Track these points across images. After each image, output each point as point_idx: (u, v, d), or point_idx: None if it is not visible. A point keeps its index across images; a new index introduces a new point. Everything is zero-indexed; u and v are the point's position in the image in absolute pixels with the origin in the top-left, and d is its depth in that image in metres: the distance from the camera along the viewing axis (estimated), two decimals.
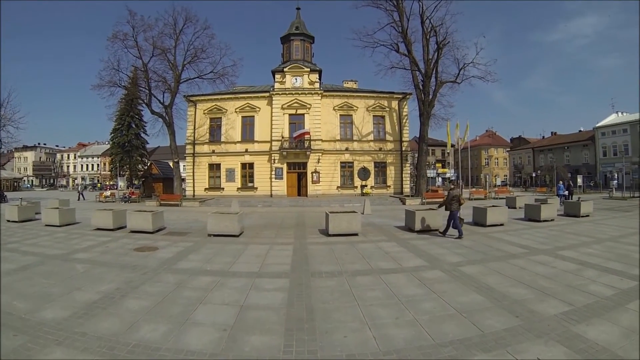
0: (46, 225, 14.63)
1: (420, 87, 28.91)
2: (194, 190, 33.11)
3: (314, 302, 5.57)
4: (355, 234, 11.81)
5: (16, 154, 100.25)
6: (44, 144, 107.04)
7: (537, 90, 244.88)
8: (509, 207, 16.28)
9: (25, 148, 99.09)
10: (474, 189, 40.87)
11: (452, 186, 12.32)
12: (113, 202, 32.40)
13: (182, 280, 6.81)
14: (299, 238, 11.77)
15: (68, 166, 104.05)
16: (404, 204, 26.16)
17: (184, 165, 34.69)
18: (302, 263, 8.19)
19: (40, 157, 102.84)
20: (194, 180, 33.35)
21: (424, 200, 26.44)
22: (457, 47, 28.26)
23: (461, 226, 11.32)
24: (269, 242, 10.97)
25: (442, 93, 29.47)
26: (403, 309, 5.25)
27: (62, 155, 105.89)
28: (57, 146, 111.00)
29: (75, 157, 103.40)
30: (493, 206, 14.76)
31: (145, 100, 30.13)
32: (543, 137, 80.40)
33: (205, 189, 33.15)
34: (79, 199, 32.02)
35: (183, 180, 36.24)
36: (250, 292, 6.08)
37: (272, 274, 7.26)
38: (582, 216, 16.47)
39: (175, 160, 29.71)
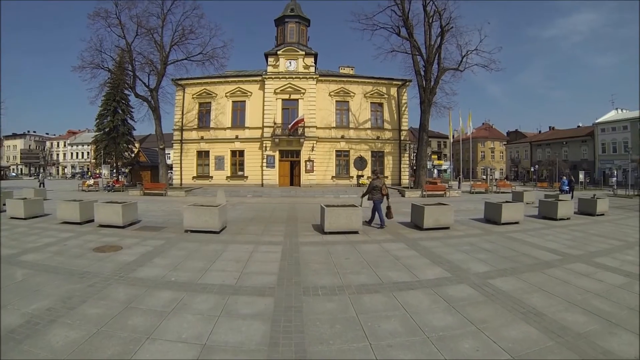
0: (11, 217, 12.96)
1: (422, 73, 27.29)
2: (181, 179, 31.33)
3: (307, 340, 3.92)
4: (356, 232, 10.21)
5: (5, 143, 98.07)
6: (34, 132, 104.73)
7: (532, 86, 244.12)
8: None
9: (15, 136, 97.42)
10: (472, 182, 39.44)
11: (374, 176, 12.32)
12: (96, 191, 30.73)
13: (135, 297, 5.19)
14: (290, 236, 10.12)
15: (58, 154, 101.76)
16: (403, 196, 24.66)
17: (172, 153, 32.92)
18: (292, 272, 6.55)
19: (29, 145, 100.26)
20: (181, 168, 31.53)
21: (424, 193, 24.92)
22: (460, 33, 26.74)
23: (385, 217, 11.56)
24: (254, 241, 9.31)
25: (444, 80, 27.92)
26: (435, 352, 3.65)
27: (52, 143, 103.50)
28: (47, 134, 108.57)
29: (65, 145, 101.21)
30: (507, 202, 13.37)
31: (129, 83, 28.14)
32: (539, 131, 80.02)
33: (193, 177, 31.40)
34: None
35: (170, 168, 34.55)
36: (220, 320, 4.45)
37: (252, 290, 5.59)
38: (598, 215, 15.10)
39: (161, 146, 27.78)
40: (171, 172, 33.84)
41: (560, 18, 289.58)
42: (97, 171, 58.06)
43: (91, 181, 34.31)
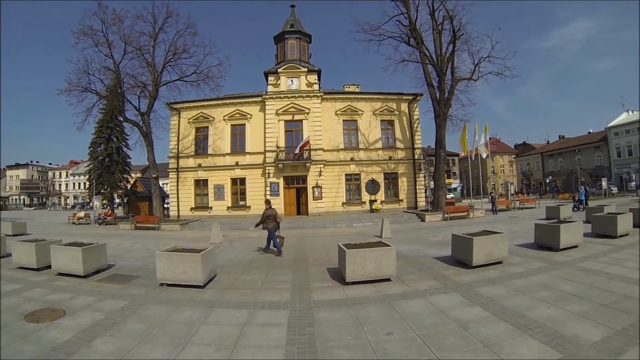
0: None
1: (434, 84, 25.12)
2: (178, 210, 28.69)
3: None
4: (387, 279, 7.58)
5: (8, 172, 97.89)
6: (37, 162, 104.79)
7: (535, 97, 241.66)
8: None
9: (17, 166, 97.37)
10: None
11: (267, 206, 12.54)
12: (87, 224, 28.60)
13: None
14: (300, 290, 7.32)
15: (60, 184, 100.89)
16: (423, 220, 21.99)
17: (167, 182, 30.57)
18: None
19: (32, 175, 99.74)
20: (178, 199, 28.90)
21: (446, 215, 22.32)
22: (472, 39, 24.68)
23: (281, 245, 11.76)
24: (250, 302, 6.54)
25: (458, 89, 25.64)
26: None
27: (54, 173, 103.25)
28: (49, 164, 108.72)
29: (67, 175, 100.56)
30: (563, 222, 11.23)
31: (118, 106, 25.91)
32: (548, 142, 78.27)
33: (192, 208, 28.73)
34: None
35: (168, 198, 32.23)
36: None
37: None
38: None
39: (154, 175, 25.26)
40: (168, 203, 31.38)
41: (555, 29, 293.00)
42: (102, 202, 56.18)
43: (82, 213, 31.98)
